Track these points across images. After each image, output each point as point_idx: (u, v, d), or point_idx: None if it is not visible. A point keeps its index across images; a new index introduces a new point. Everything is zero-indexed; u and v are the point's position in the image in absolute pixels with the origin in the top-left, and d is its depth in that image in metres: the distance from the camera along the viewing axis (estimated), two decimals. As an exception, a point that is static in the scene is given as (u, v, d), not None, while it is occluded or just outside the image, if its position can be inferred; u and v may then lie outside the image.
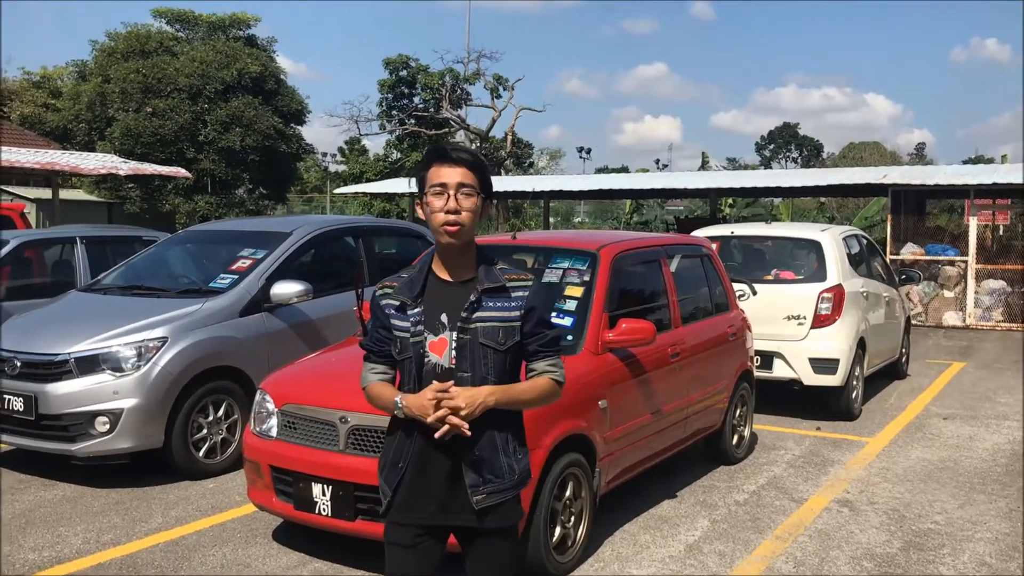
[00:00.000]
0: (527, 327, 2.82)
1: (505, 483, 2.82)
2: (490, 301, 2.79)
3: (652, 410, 5.82)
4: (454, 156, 2.80)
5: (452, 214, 2.73)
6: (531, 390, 2.85)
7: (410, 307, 2.81)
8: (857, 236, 10.00)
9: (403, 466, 2.81)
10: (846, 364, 8.47)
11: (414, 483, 2.80)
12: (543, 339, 2.87)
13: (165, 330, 6.41)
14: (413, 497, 2.81)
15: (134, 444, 6.21)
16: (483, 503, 2.78)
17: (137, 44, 31.66)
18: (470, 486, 2.77)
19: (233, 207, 32.44)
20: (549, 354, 2.89)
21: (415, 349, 2.78)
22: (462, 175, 2.76)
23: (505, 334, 2.79)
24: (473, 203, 2.77)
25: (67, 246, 8.98)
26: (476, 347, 2.77)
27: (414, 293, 2.82)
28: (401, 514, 2.83)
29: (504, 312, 2.80)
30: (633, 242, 6.23)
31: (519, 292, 2.83)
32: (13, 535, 5.42)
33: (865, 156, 53.60)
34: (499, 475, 2.80)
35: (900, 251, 17.01)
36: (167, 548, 5.22)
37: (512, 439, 2.87)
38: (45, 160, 20.00)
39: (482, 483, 2.78)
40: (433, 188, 2.77)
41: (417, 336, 2.78)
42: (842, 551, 5.32)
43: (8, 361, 6.45)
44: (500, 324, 2.78)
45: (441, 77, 36.91)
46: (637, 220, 36.65)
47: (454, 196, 2.74)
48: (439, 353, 2.78)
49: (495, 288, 2.80)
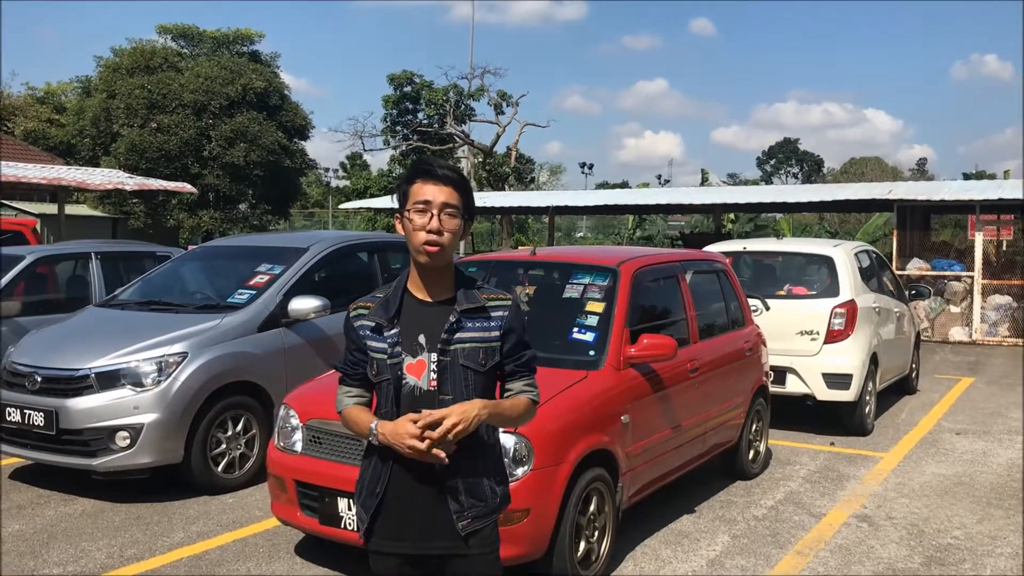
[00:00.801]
0: (506, 347, 2.77)
1: (488, 507, 2.75)
2: (469, 322, 2.72)
3: (672, 425, 5.84)
4: (440, 174, 2.71)
5: (434, 234, 2.66)
6: (514, 408, 2.79)
7: (386, 328, 2.73)
8: (868, 251, 10.04)
9: (380, 492, 2.72)
10: (859, 379, 8.49)
11: (394, 511, 2.72)
12: (520, 359, 2.82)
13: (185, 345, 6.43)
14: (394, 525, 2.73)
15: (154, 459, 6.23)
16: (468, 528, 2.70)
17: (142, 60, 31.78)
18: (455, 512, 2.69)
19: (237, 222, 32.50)
20: (526, 374, 2.84)
21: (392, 371, 2.70)
22: (447, 195, 2.69)
23: (486, 355, 2.73)
24: (456, 225, 2.70)
25: (82, 261, 9.01)
26: (457, 369, 2.70)
27: (390, 314, 2.73)
28: (383, 543, 2.75)
29: (484, 332, 2.73)
30: (652, 258, 6.27)
31: (498, 312, 2.76)
32: (36, 550, 5.42)
33: (867, 171, 53.78)
34: (482, 499, 2.74)
35: (906, 266, 17.04)
36: (191, 563, 5.23)
37: (492, 465, 2.81)
38: (52, 175, 20.07)
39: (466, 508, 2.71)
40: (416, 205, 2.68)
41: (395, 358, 2.70)
42: (864, 566, 5.33)
43: (28, 376, 6.47)
44: (480, 345, 2.73)
45: (445, 93, 37.06)
46: (640, 235, 36.65)
47: (437, 216, 2.66)
48: (417, 375, 2.70)
49: (474, 308, 2.73)
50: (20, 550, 5.42)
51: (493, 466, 2.81)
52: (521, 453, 4.57)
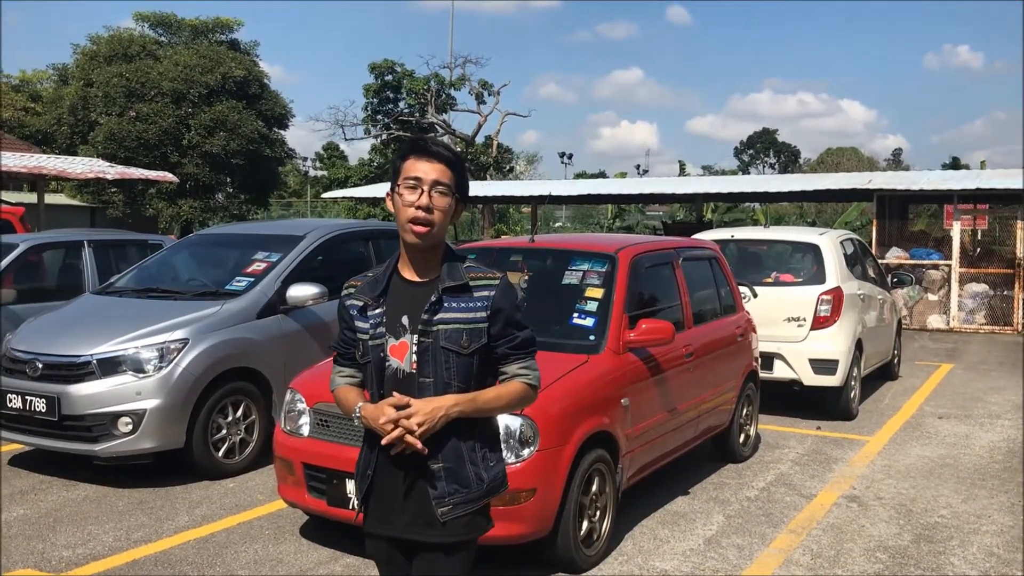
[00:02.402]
0: (494, 329, 2.65)
1: (472, 493, 2.65)
2: (452, 301, 2.62)
3: (668, 408, 5.97)
4: (433, 150, 2.64)
5: (423, 211, 2.58)
6: (501, 397, 2.68)
7: (371, 308, 2.67)
8: (852, 239, 10.23)
9: (369, 474, 2.68)
10: (845, 365, 8.67)
11: (382, 494, 2.68)
12: (513, 341, 2.69)
13: (186, 332, 6.49)
14: (382, 509, 2.69)
15: (157, 444, 6.29)
16: (448, 515, 2.62)
17: (120, 48, 31.57)
18: (435, 498, 2.62)
19: (216, 211, 32.38)
20: (521, 357, 2.71)
21: (374, 352, 2.65)
22: (439, 172, 2.61)
23: (469, 337, 2.61)
24: (446, 203, 2.62)
25: (74, 250, 9.02)
26: (438, 351, 2.61)
27: (376, 293, 2.67)
28: (373, 526, 2.73)
29: (467, 313, 2.63)
30: (648, 245, 6.40)
31: (484, 292, 2.65)
32: (43, 533, 5.48)
33: (843, 162, 54.26)
34: (466, 485, 2.64)
35: (885, 255, 17.28)
36: (198, 545, 5.31)
37: (481, 447, 2.70)
38: (32, 164, 19.95)
39: (447, 494, 2.62)
40: (407, 181, 2.61)
41: (377, 339, 2.64)
42: (856, 544, 5.49)
43: (29, 363, 6.51)
44: (464, 326, 2.61)
45: (426, 82, 37.03)
46: (620, 225, 36.81)
47: (428, 193, 2.59)
48: (400, 357, 2.63)
49: (457, 287, 2.63)
50: (27, 534, 5.47)
51: (482, 449, 2.71)
52: (527, 434, 4.68)
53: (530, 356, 2.75)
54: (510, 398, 2.71)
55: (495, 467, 2.74)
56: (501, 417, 4.61)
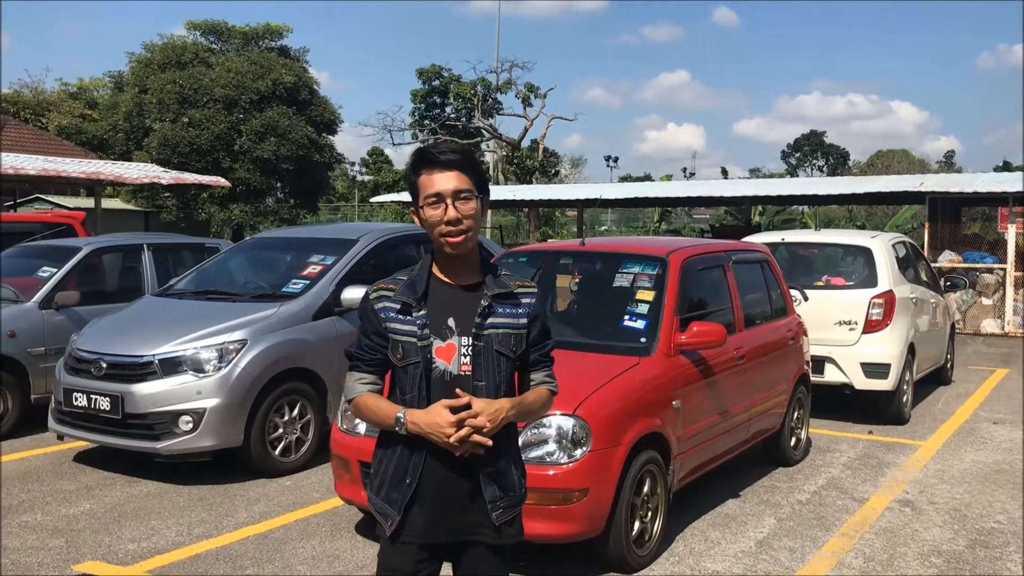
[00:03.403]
0: (532, 335, 2.73)
1: (516, 497, 2.74)
2: (500, 307, 2.68)
3: (720, 411, 5.99)
4: (443, 159, 2.62)
5: (452, 225, 2.59)
6: (536, 402, 2.76)
7: (415, 309, 2.64)
8: (904, 242, 10.13)
9: (412, 483, 2.64)
10: (897, 369, 8.60)
11: (429, 502, 2.64)
12: (544, 348, 2.79)
13: (244, 333, 6.65)
14: (430, 516, 2.66)
15: (216, 443, 6.45)
16: (501, 518, 2.68)
17: (173, 55, 32.18)
18: (490, 501, 2.65)
19: (267, 216, 32.85)
20: (547, 365, 2.82)
21: (422, 354, 2.62)
22: (457, 180, 2.60)
23: (516, 341, 2.69)
24: (472, 207, 2.62)
25: (134, 253, 9.25)
26: (491, 354, 2.65)
27: (417, 295, 2.65)
28: (415, 535, 2.67)
29: (513, 319, 2.69)
30: (699, 248, 6.42)
31: (526, 299, 2.73)
32: (109, 527, 5.66)
33: (893, 164, 53.44)
34: (511, 489, 2.72)
35: (938, 259, 17.05)
36: (257, 541, 5.45)
37: (516, 453, 2.80)
38: (91, 170, 20.46)
39: (500, 498, 2.68)
40: (428, 199, 2.60)
41: (424, 340, 2.62)
42: (909, 548, 5.47)
43: (94, 363, 6.71)
44: (512, 331, 2.68)
45: (473, 87, 37.24)
46: (665, 228, 36.71)
47: (452, 205, 2.58)
48: (447, 359, 2.63)
49: (504, 294, 2.69)
50: (94, 528, 5.66)
51: (515, 457, 2.79)
52: (579, 435, 4.74)
53: (552, 365, 2.85)
54: (541, 403, 2.79)
55: (523, 474, 2.82)
56: (554, 418, 4.76)
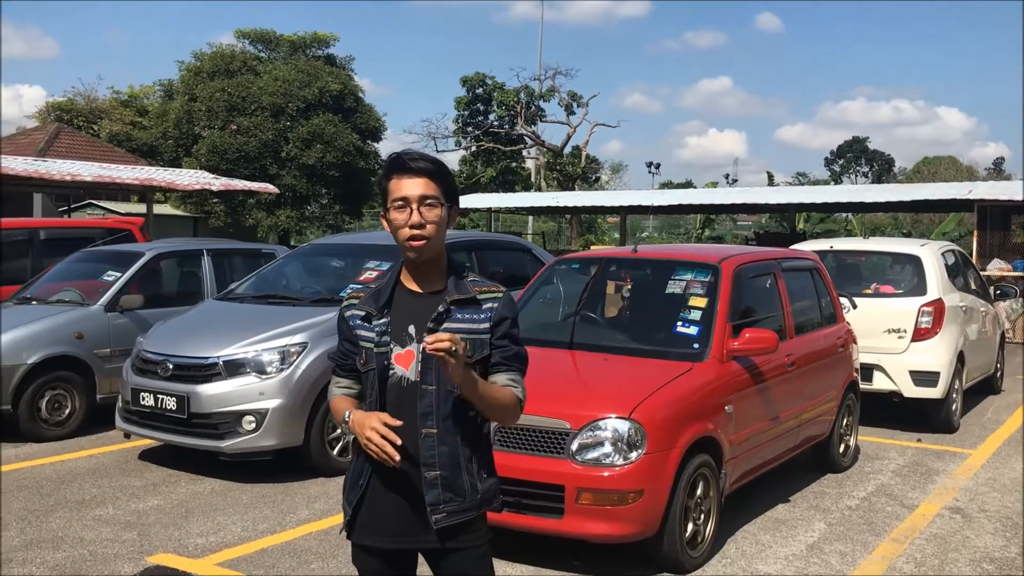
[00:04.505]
0: (494, 337, 2.70)
1: (467, 502, 2.69)
2: (459, 312, 2.68)
3: (771, 417, 6.08)
4: (413, 166, 2.67)
5: (416, 228, 2.64)
6: (498, 394, 2.67)
7: (375, 317, 2.71)
8: (954, 251, 10.12)
9: (363, 484, 2.72)
10: (947, 377, 8.60)
11: (374, 503, 2.71)
12: (507, 351, 2.73)
13: (305, 336, 6.86)
14: (374, 519, 2.72)
15: (278, 442, 6.66)
16: (442, 523, 2.66)
17: (222, 64, 32.75)
18: (430, 504, 2.65)
19: (313, 221, 33.30)
20: (512, 369, 2.74)
21: (379, 361, 2.68)
22: (424, 186, 2.65)
23: (473, 347, 2.65)
24: (437, 214, 2.65)
25: (194, 258, 9.53)
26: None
27: (380, 303, 2.71)
28: (364, 536, 2.74)
29: (472, 324, 2.68)
30: (751, 255, 6.52)
31: (489, 303, 2.71)
32: (177, 522, 5.89)
33: (940, 171, 52.83)
34: (460, 494, 2.68)
35: (986, 267, 16.89)
36: (320, 537, 5.64)
37: (476, 460, 2.75)
38: (143, 176, 20.95)
39: (442, 502, 2.66)
40: (395, 202, 2.65)
41: (382, 347, 2.68)
42: (960, 554, 5.52)
43: (160, 364, 6.96)
44: (468, 336, 2.65)
45: (516, 94, 37.49)
46: (709, 235, 36.61)
47: (417, 210, 2.63)
48: (405, 366, 2.68)
49: (464, 299, 2.70)
50: (163, 522, 5.89)
51: (478, 460, 2.75)
52: (635, 438, 4.87)
53: (520, 372, 2.77)
54: (504, 401, 2.69)
55: (488, 480, 2.78)
56: (610, 421, 4.89)
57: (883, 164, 78.89)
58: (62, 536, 5.59)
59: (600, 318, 6.60)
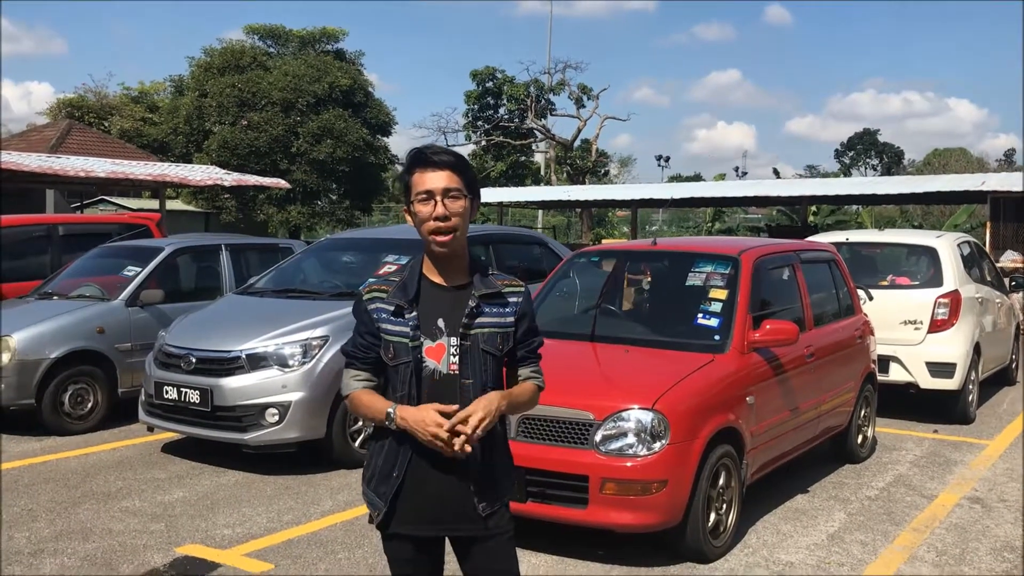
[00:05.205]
0: (519, 332, 2.80)
1: (499, 490, 2.81)
2: (487, 307, 2.76)
3: (791, 408, 6.12)
4: (436, 160, 2.71)
5: (441, 221, 2.68)
6: (523, 393, 2.82)
7: (407, 311, 2.72)
8: (969, 242, 10.13)
9: (398, 476, 2.73)
10: (963, 368, 8.62)
11: (412, 494, 2.73)
12: (530, 345, 2.86)
13: (326, 329, 6.92)
14: (413, 509, 2.74)
15: (300, 435, 6.73)
16: (487, 510, 2.75)
17: (232, 59, 32.84)
18: (475, 494, 2.73)
19: (323, 216, 33.39)
20: (534, 360, 2.88)
21: (413, 354, 2.70)
22: (447, 179, 2.69)
23: (503, 340, 2.76)
24: (461, 206, 2.70)
25: (213, 253, 9.60)
26: (478, 353, 2.73)
27: (409, 297, 2.73)
28: (402, 526, 2.77)
29: (500, 318, 2.77)
30: (770, 247, 6.56)
31: (513, 298, 2.80)
32: (204, 513, 5.96)
33: (950, 163, 52.63)
34: (494, 484, 2.80)
35: (1000, 259, 16.85)
36: (345, 527, 5.70)
37: (503, 449, 2.87)
38: (156, 172, 21.02)
39: (484, 491, 2.76)
40: (419, 196, 2.70)
41: (415, 341, 2.70)
42: (981, 543, 5.55)
43: (183, 358, 7.03)
44: (498, 330, 2.75)
45: (526, 88, 37.48)
46: (719, 228, 36.57)
47: (441, 202, 2.67)
48: (436, 359, 2.72)
49: (492, 294, 2.77)
50: (190, 513, 5.96)
51: (506, 450, 2.89)
52: (658, 429, 4.91)
53: (539, 360, 2.91)
54: (528, 397, 2.84)
55: (511, 467, 2.91)
56: (633, 412, 4.94)
57: (893, 156, 78.57)
58: (91, 527, 5.67)
59: (620, 311, 6.64)
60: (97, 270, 9.33)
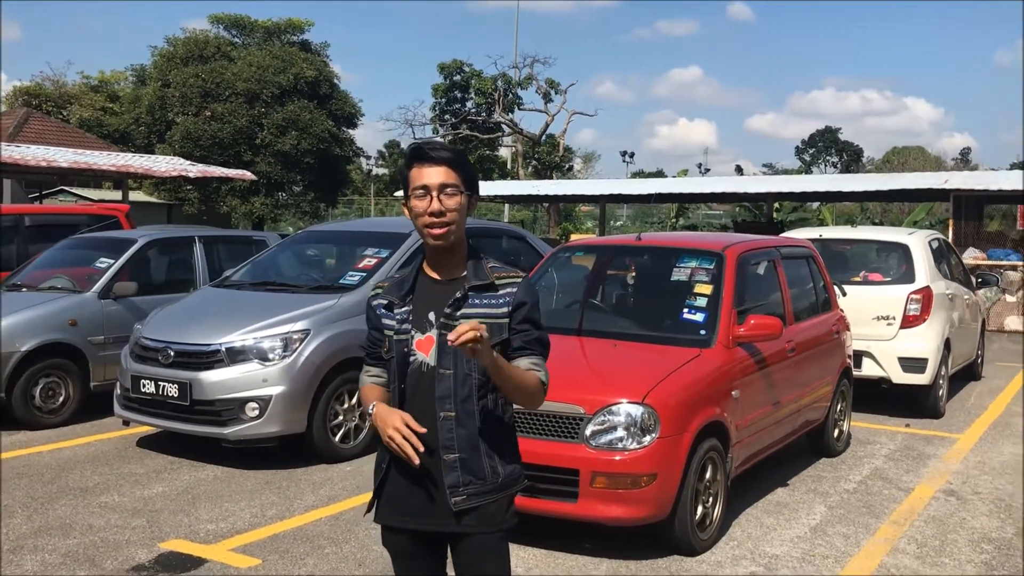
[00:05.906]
0: (514, 322, 2.73)
1: (487, 485, 2.71)
2: (477, 298, 2.73)
3: (773, 402, 6.18)
4: (433, 155, 2.72)
5: (436, 216, 2.68)
6: (524, 377, 2.69)
7: (397, 306, 2.78)
8: (939, 239, 10.30)
9: (384, 466, 2.79)
10: (934, 363, 8.76)
11: (396, 484, 2.77)
12: (528, 335, 2.75)
13: (307, 323, 6.86)
14: (396, 500, 2.77)
15: (281, 429, 6.67)
16: (461, 505, 2.69)
17: (196, 49, 32.44)
18: (449, 487, 2.69)
19: (288, 208, 33.12)
20: (534, 353, 2.76)
21: (399, 347, 2.75)
22: (444, 175, 2.70)
23: (491, 331, 2.64)
24: (457, 202, 2.70)
25: (186, 245, 9.47)
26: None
27: (402, 292, 2.79)
28: (386, 516, 2.81)
29: (490, 309, 2.72)
30: (753, 243, 6.61)
31: (508, 289, 2.74)
32: (185, 508, 5.89)
33: (909, 161, 53.47)
34: (480, 476, 2.71)
35: (962, 256, 17.17)
36: (330, 522, 5.66)
37: (498, 444, 2.77)
38: (120, 163, 20.73)
39: (462, 484, 2.69)
40: (416, 191, 2.70)
41: (402, 334, 2.75)
42: (959, 535, 5.65)
43: (161, 351, 6.93)
44: (488, 320, 2.67)
45: (494, 82, 37.44)
46: (683, 223, 36.83)
47: (437, 197, 2.68)
48: (426, 351, 2.73)
49: (482, 285, 2.74)
50: (171, 508, 5.88)
51: (499, 443, 2.77)
52: (648, 422, 4.94)
53: (542, 357, 2.79)
54: (526, 384, 2.69)
55: (512, 463, 2.80)
56: (623, 406, 4.96)
57: (852, 154, 79.61)
58: (70, 523, 5.57)
59: (607, 305, 6.66)
60: (68, 262, 9.17)
